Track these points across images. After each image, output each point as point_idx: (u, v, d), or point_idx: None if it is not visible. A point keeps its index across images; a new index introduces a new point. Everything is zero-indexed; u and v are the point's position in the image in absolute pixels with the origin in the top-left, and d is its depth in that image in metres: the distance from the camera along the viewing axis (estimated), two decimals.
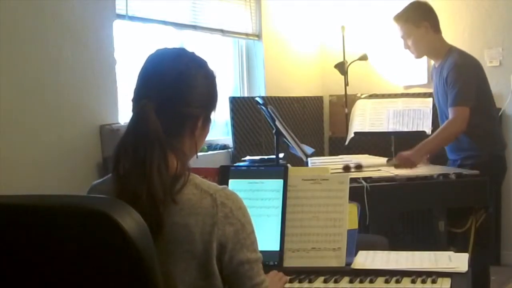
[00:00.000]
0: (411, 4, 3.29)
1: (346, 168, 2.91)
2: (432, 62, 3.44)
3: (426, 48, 3.25)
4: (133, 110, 1.33)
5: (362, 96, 4.86)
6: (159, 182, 1.24)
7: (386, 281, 1.63)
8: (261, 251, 1.40)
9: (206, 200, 1.29)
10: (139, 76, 1.37)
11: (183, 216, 1.27)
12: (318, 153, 4.82)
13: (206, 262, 1.29)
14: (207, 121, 1.42)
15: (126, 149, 1.28)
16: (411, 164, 3.01)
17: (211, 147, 4.34)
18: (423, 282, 1.60)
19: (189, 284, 1.29)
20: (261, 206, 1.81)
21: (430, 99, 4.33)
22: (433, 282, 1.60)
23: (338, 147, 4.95)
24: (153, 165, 1.25)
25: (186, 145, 1.38)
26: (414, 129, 4.13)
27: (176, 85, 1.34)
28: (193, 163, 1.40)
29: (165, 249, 1.15)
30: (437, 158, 3.38)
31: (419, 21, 3.18)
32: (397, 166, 3.04)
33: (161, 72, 1.35)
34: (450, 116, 3.02)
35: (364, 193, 2.59)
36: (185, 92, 1.35)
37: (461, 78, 3.06)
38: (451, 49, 3.21)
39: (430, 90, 4.69)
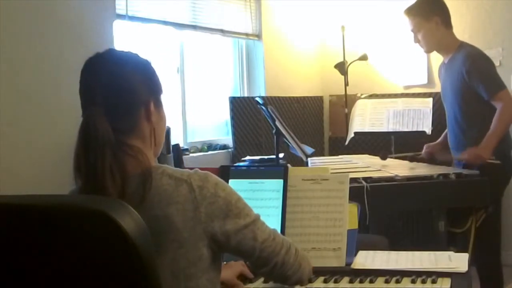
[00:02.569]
0: None
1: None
2: (433, 62, 3.44)
3: (436, 43, 3.25)
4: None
5: (362, 96, 4.86)
6: (113, 188, 1.25)
7: (386, 281, 1.63)
8: None
9: (182, 187, 1.30)
10: (79, 93, 1.38)
11: (162, 207, 1.29)
12: (318, 153, 4.82)
13: (193, 248, 1.30)
14: (158, 105, 1.42)
15: (78, 157, 1.29)
16: (482, 160, 3.00)
17: (211, 147, 4.34)
18: (423, 282, 1.60)
19: (178, 273, 1.30)
20: (261, 206, 1.81)
21: (430, 99, 4.34)
22: (433, 282, 1.60)
23: (338, 147, 4.96)
24: (105, 173, 1.25)
25: (146, 137, 1.39)
26: (414, 129, 4.14)
27: (114, 82, 1.35)
28: (194, 163, 1.41)
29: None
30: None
31: (430, 16, 3.17)
32: (467, 161, 3.06)
33: (95, 78, 1.36)
34: (498, 104, 3.03)
35: (364, 193, 2.59)
36: (124, 85, 1.35)
37: (484, 68, 3.10)
38: (462, 44, 3.21)
39: (430, 90, 4.70)
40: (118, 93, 1.34)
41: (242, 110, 4.45)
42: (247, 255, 1.38)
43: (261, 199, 1.82)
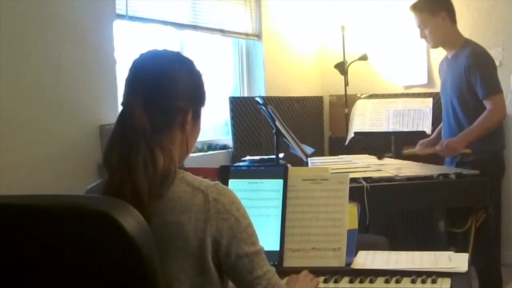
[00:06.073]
0: None
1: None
2: (433, 62, 3.44)
3: (442, 38, 3.26)
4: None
5: (362, 96, 4.86)
6: (144, 177, 1.25)
7: (386, 281, 1.63)
8: None
9: (198, 197, 1.30)
10: (125, 81, 1.39)
11: (175, 214, 1.28)
12: (318, 153, 4.82)
13: (201, 258, 1.29)
14: (197, 116, 1.43)
15: (113, 145, 1.30)
16: (453, 152, 3.10)
17: (211, 147, 4.34)
18: (423, 282, 1.60)
19: (185, 282, 1.29)
20: (261, 206, 1.81)
21: (430, 99, 4.34)
22: (433, 282, 1.60)
23: (338, 147, 4.95)
24: (138, 160, 1.26)
25: (176, 141, 1.38)
26: (414, 129, 4.14)
27: (161, 79, 1.35)
28: (194, 163, 1.41)
29: (159, 247, 1.16)
30: (437, 157, 3.38)
31: (437, 11, 3.19)
32: (439, 152, 3.16)
33: (144, 71, 1.36)
34: (488, 106, 3.07)
35: (364, 193, 2.59)
36: (171, 85, 1.36)
37: (486, 67, 3.13)
38: (467, 41, 3.24)
39: (430, 90, 4.70)
40: (161, 91, 1.34)
41: (242, 110, 4.45)
42: (237, 281, 1.36)
43: (261, 199, 1.82)
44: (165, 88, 1.35)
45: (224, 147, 4.40)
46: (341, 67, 4.83)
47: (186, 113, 1.38)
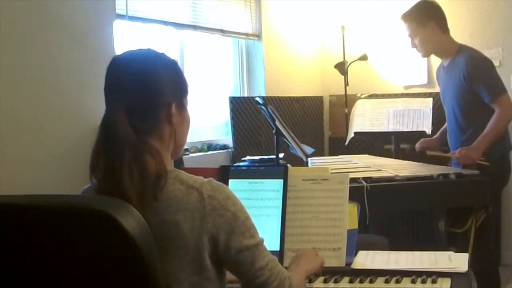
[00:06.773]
0: (418, 4, 3.28)
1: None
2: (433, 62, 3.44)
3: (433, 48, 3.25)
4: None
5: (362, 96, 4.86)
6: (131, 185, 1.24)
7: (386, 281, 1.63)
8: None
9: (192, 195, 1.30)
10: (104, 89, 1.38)
11: (171, 213, 1.28)
12: (318, 153, 4.82)
13: (198, 257, 1.29)
14: (182, 107, 1.41)
15: (99, 155, 1.30)
16: (471, 160, 3.05)
17: (211, 147, 4.34)
18: (423, 282, 1.60)
19: (184, 281, 1.30)
20: (261, 206, 1.81)
21: (430, 99, 4.34)
22: (433, 282, 1.60)
23: (338, 147, 4.96)
24: (123, 169, 1.25)
25: (165, 138, 1.38)
26: (414, 129, 4.14)
27: (139, 81, 1.34)
28: (194, 163, 1.41)
29: (159, 246, 1.16)
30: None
31: (425, 21, 3.18)
32: (457, 158, 3.11)
33: (121, 75, 1.36)
34: (497, 109, 3.05)
35: (364, 193, 2.59)
36: (149, 84, 1.35)
37: (486, 71, 3.11)
38: (462, 47, 3.22)
39: (430, 90, 4.70)
40: (140, 93, 1.33)
41: (242, 110, 4.45)
42: (240, 275, 1.37)
43: (261, 199, 1.82)
44: (148, 91, 1.34)
45: (224, 147, 4.41)
46: (341, 67, 4.84)
47: (169, 107, 1.37)
